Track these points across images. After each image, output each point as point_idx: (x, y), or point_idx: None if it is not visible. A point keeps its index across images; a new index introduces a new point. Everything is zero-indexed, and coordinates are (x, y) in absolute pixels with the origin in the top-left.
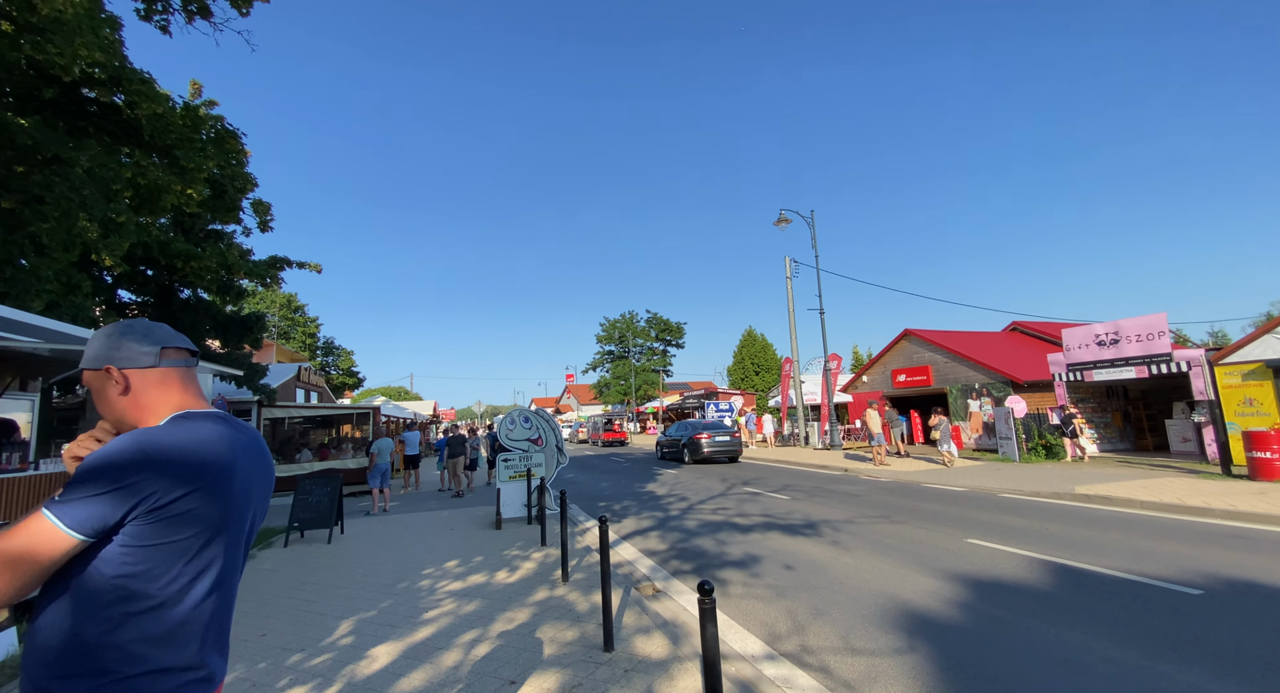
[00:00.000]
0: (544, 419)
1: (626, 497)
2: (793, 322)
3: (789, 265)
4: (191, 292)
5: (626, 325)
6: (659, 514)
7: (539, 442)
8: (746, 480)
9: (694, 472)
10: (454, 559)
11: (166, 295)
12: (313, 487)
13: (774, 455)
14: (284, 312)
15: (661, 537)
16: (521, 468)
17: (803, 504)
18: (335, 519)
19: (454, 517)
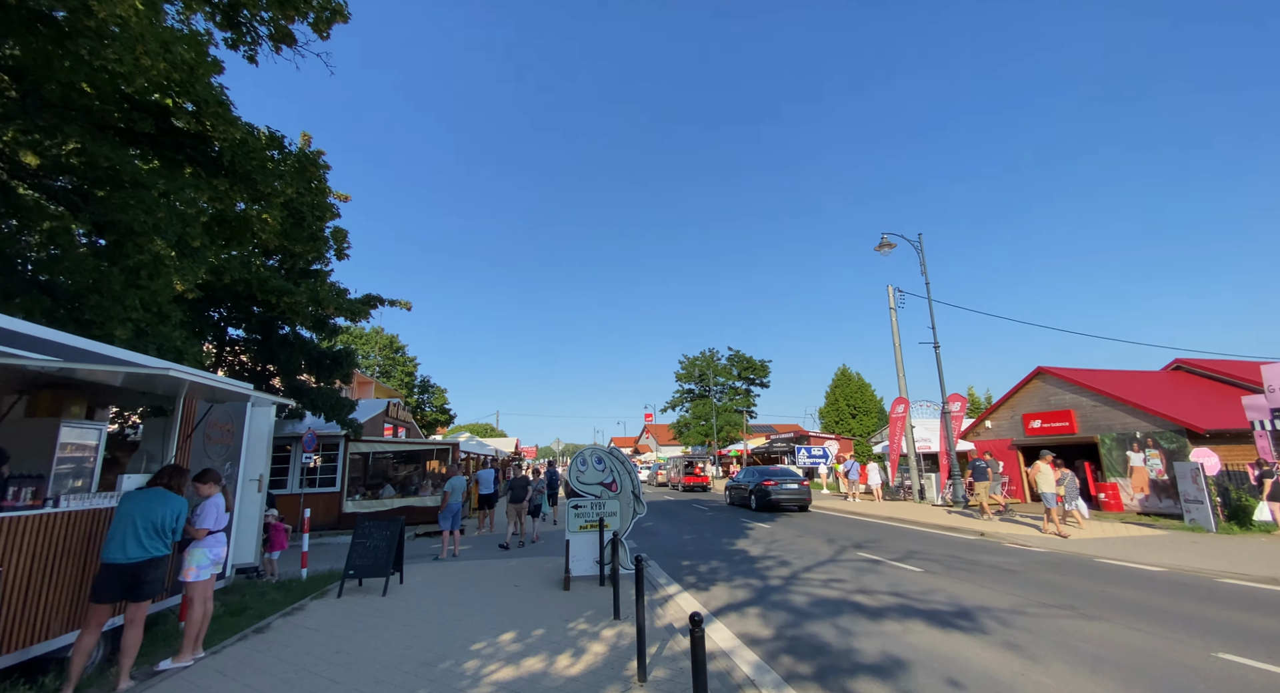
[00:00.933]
0: (619, 461)
1: (714, 555)
2: (899, 357)
3: (892, 295)
4: (290, 328)
5: (707, 363)
6: (756, 582)
7: (613, 487)
8: (859, 543)
9: (791, 527)
10: (511, 631)
11: (267, 331)
12: (371, 530)
13: (882, 511)
14: (386, 352)
15: (764, 616)
16: (593, 517)
17: (943, 581)
18: (394, 567)
19: (521, 568)
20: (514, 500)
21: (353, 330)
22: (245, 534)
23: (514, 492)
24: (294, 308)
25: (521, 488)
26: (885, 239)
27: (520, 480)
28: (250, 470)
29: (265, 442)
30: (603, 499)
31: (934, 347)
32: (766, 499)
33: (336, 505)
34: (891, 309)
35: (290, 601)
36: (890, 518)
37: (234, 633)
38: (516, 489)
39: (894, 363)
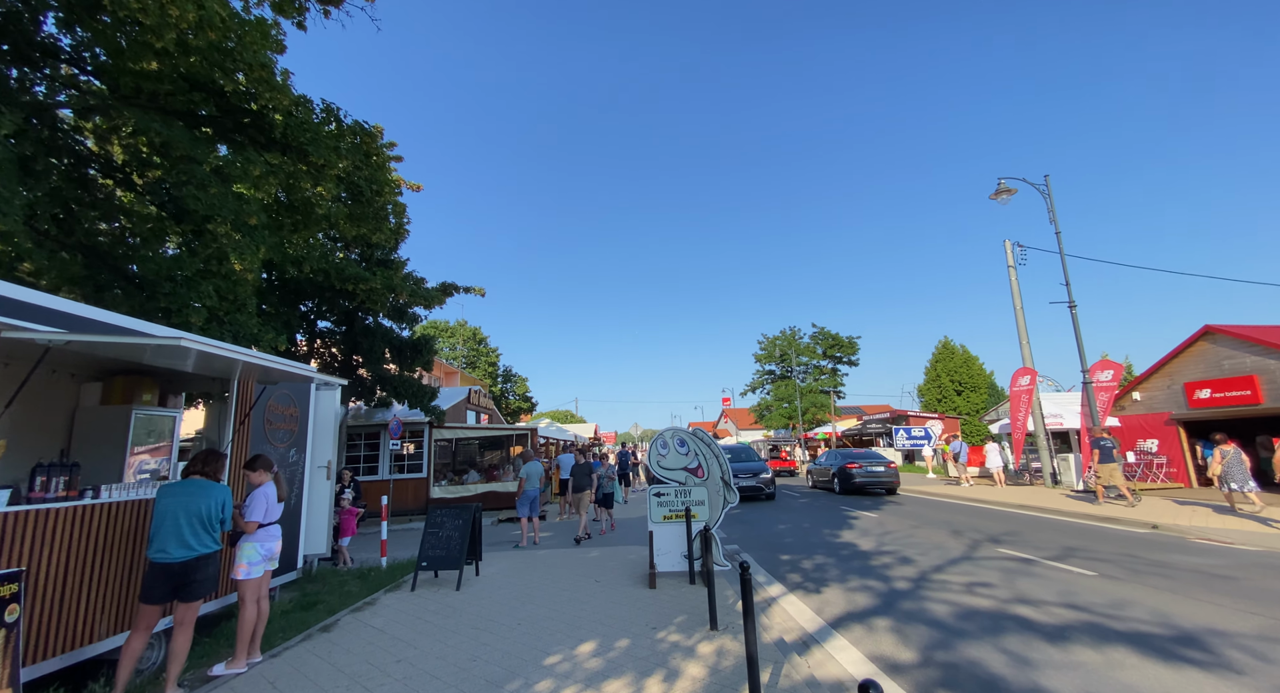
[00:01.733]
0: (704, 443)
1: (817, 548)
2: (1021, 321)
3: (1011, 251)
4: (373, 319)
5: (788, 342)
6: (877, 584)
7: (699, 472)
8: (994, 536)
9: (902, 516)
10: (591, 640)
11: (350, 322)
12: (443, 519)
13: (1008, 497)
14: (470, 343)
15: (900, 632)
16: (679, 506)
17: (1132, 590)
18: (470, 557)
19: (603, 560)
20: (576, 490)
21: (438, 324)
22: (315, 524)
23: (576, 479)
24: (371, 295)
25: (584, 476)
26: (1003, 184)
27: (582, 467)
28: (318, 457)
29: (331, 426)
30: (688, 486)
31: (1069, 307)
32: (850, 482)
33: (424, 491)
34: (1010, 267)
35: (365, 592)
36: (1022, 506)
37: (300, 630)
38: (578, 476)
39: (1013, 329)
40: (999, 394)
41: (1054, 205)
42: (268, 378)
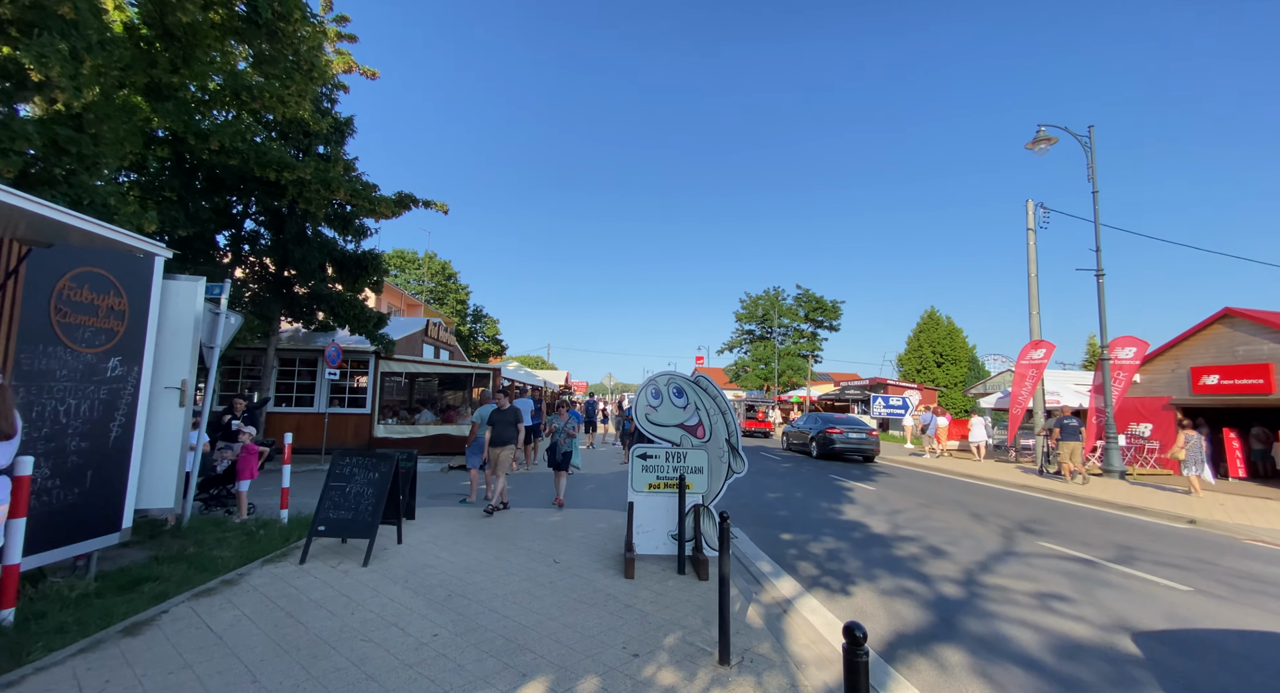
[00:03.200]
0: (709, 396)
1: (821, 527)
2: (1034, 290)
3: (1033, 213)
4: (312, 227)
5: (770, 302)
6: (916, 587)
7: (699, 431)
8: (1023, 524)
9: (901, 491)
10: (538, 681)
11: (280, 224)
12: (353, 470)
13: (1003, 476)
14: (438, 278)
15: (992, 681)
16: (669, 474)
17: (1251, 614)
18: (392, 518)
19: (565, 527)
20: (495, 443)
21: (405, 254)
22: (158, 467)
23: (494, 430)
24: (303, 191)
25: (506, 426)
26: (1042, 132)
27: (505, 414)
28: (164, 374)
29: (189, 333)
30: (683, 448)
31: (1096, 275)
32: (830, 447)
33: (367, 429)
34: (1030, 230)
35: (238, 562)
36: (1026, 487)
37: (90, 631)
38: (498, 427)
39: (1025, 297)
40: (979, 369)
41: (1094, 160)
42: (37, 234)
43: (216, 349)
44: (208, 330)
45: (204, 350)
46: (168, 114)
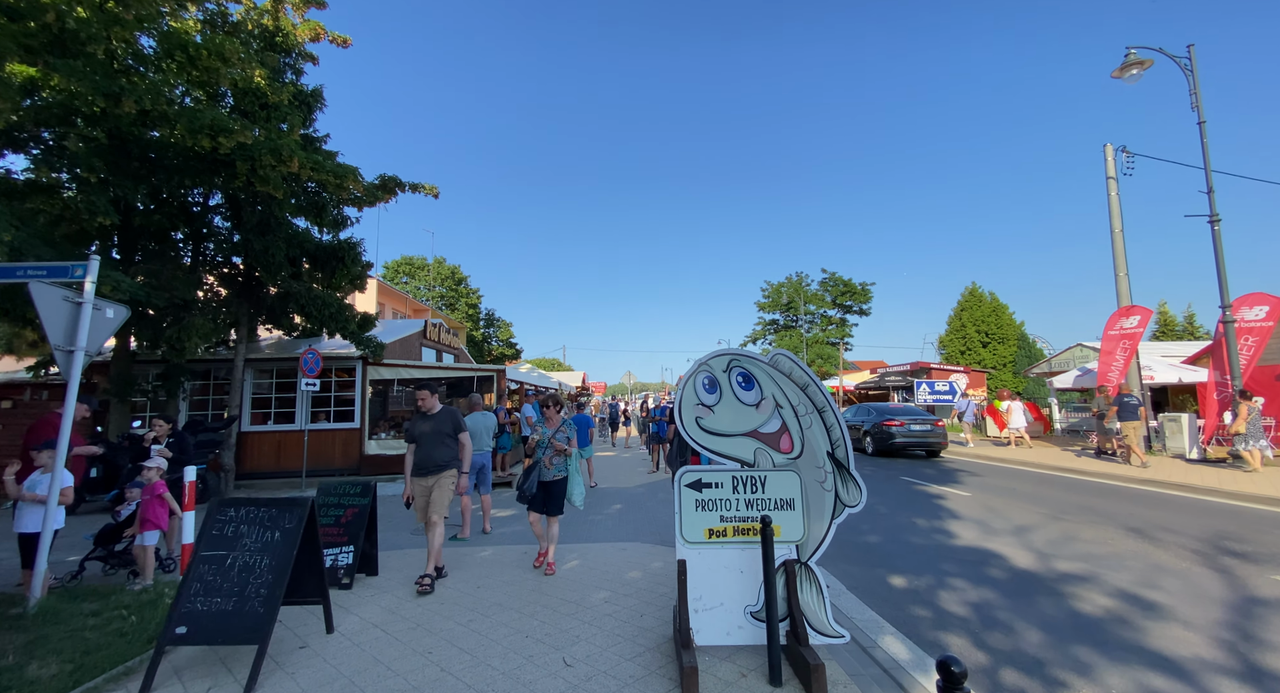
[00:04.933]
0: (795, 384)
1: (938, 561)
2: (1120, 248)
3: (1113, 159)
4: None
5: (795, 289)
6: (1168, 684)
7: (783, 443)
8: (1217, 542)
9: (1009, 497)
10: None
11: (237, 212)
12: (239, 530)
13: (1074, 464)
14: (448, 283)
15: None
16: (744, 514)
17: None
18: (310, 597)
19: (583, 582)
20: (422, 467)
21: (414, 260)
22: None
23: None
24: (253, 164)
25: (439, 440)
26: (1132, 55)
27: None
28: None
29: None
30: (760, 470)
31: (1210, 221)
32: (889, 442)
33: (357, 446)
34: (1110, 178)
35: (58, 687)
36: (1140, 481)
37: None
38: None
39: (1103, 259)
40: (1029, 347)
41: (1198, 85)
42: None
43: (79, 352)
44: (64, 328)
45: (57, 355)
46: (73, 74)
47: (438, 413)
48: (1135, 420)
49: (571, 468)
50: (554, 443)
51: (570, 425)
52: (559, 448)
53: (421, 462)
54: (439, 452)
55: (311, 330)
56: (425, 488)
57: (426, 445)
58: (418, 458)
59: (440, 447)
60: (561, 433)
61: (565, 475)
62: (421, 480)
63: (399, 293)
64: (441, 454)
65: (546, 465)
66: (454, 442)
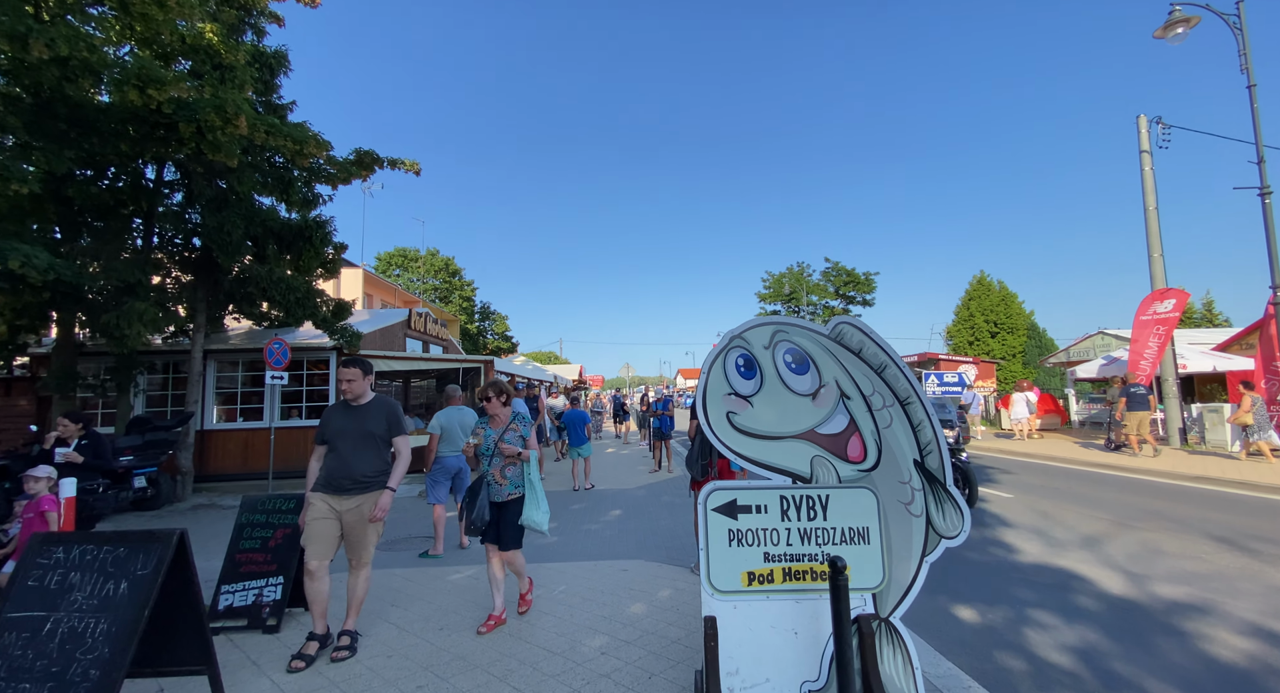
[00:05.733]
0: (868, 366)
1: (1011, 585)
2: (1154, 226)
3: (1146, 131)
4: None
5: (796, 279)
6: None
7: (849, 446)
8: None
9: (1055, 498)
10: None
11: (188, 182)
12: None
13: (1095, 458)
14: (442, 274)
15: None
16: (799, 551)
17: None
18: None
19: (574, 626)
20: (333, 483)
21: (407, 252)
22: None
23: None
24: (199, 125)
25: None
26: (1177, 12)
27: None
28: None
29: None
30: (819, 486)
31: (1261, 194)
32: None
33: None
34: (1144, 152)
35: None
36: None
37: None
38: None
39: (1145, 234)
40: (1040, 337)
41: (1247, 44)
42: None
43: None
44: None
45: None
46: None
47: (368, 403)
48: (1144, 411)
49: (529, 479)
50: (502, 448)
51: (524, 421)
52: (510, 454)
53: (336, 474)
54: (363, 461)
55: (284, 320)
56: (336, 514)
57: (345, 450)
58: (330, 467)
59: (366, 454)
60: (513, 433)
61: (521, 493)
62: (334, 500)
63: (388, 284)
64: (367, 464)
65: (497, 481)
66: (386, 447)
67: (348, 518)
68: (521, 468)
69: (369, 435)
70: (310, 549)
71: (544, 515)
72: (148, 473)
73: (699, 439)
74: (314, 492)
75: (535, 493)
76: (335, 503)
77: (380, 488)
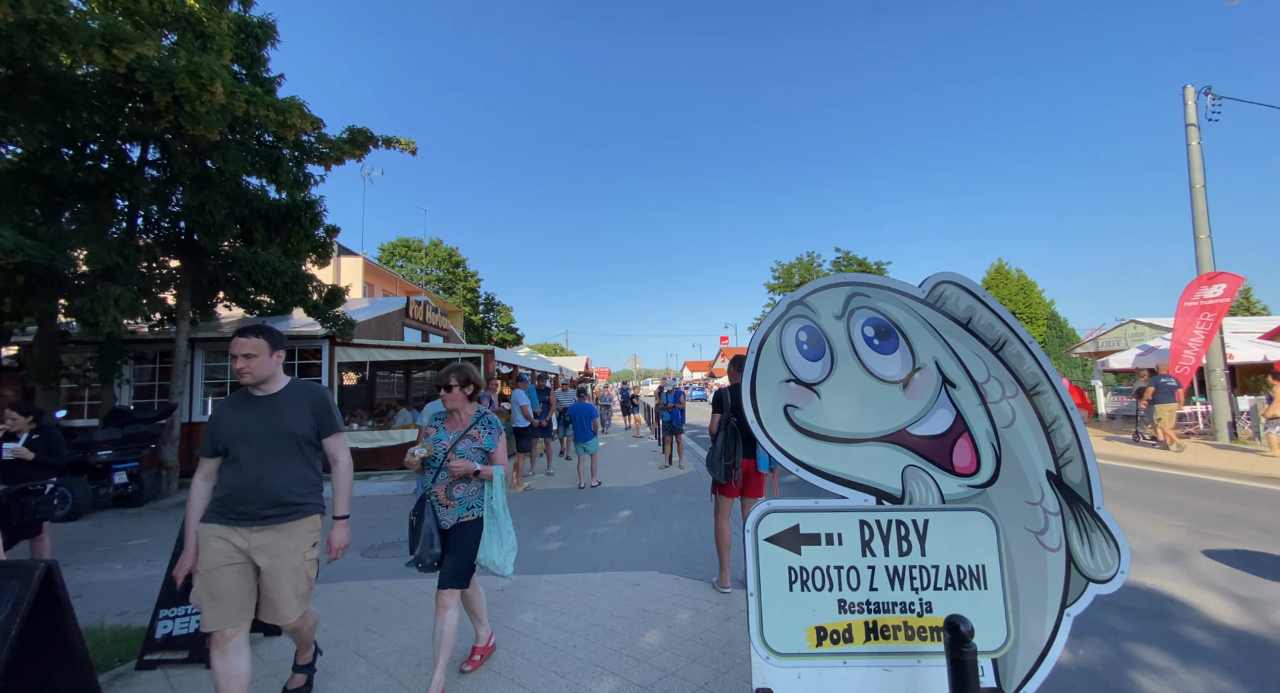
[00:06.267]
0: (982, 343)
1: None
2: (1202, 205)
3: (1193, 103)
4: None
5: (805, 269)
6: None
7: (954, 450)
8: None
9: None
10: None
11: (167, 158)
12: None
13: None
14: (445, 265)
15: None
16: (887, 603)
17: None
18: None
19: (575, 675)
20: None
21: (411, 242)
22: None
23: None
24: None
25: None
26: None
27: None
28: None
29: None
30: (916, 507)
31: None
32: None
33: None
34: (1191, 126)
35: None
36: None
37: None
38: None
39: (1192, 214)
40: (1061, 327)
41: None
42: None
43: None
44: None
45: None
46: None
47: (282, 392)
48: (1171, 403)
49: (490, 506)
50: (450, 466)
51: (490, 427)
52: (460, 471)
53: (240, 496)
54: (281, 474)
55: (278, 307)
56: (245, 554)
57: (252, 460)
58: (230, 487)
59: (284, 464)
60: (470, 443)
61: (479, 515)
62: (238, 535)
63: (390, 274)
64: (287, 480)
65: (441, 501)
66: (315, 454)
67: (262, 561)
68: (481, 488)
69: (287, 437)
70: (212, 612)
71: (507, 555)
72: (128, 468)
73: (722, 436)
74: (206, 524)
75: (497, 523)
76: (241, 538)
77: (308, 514)
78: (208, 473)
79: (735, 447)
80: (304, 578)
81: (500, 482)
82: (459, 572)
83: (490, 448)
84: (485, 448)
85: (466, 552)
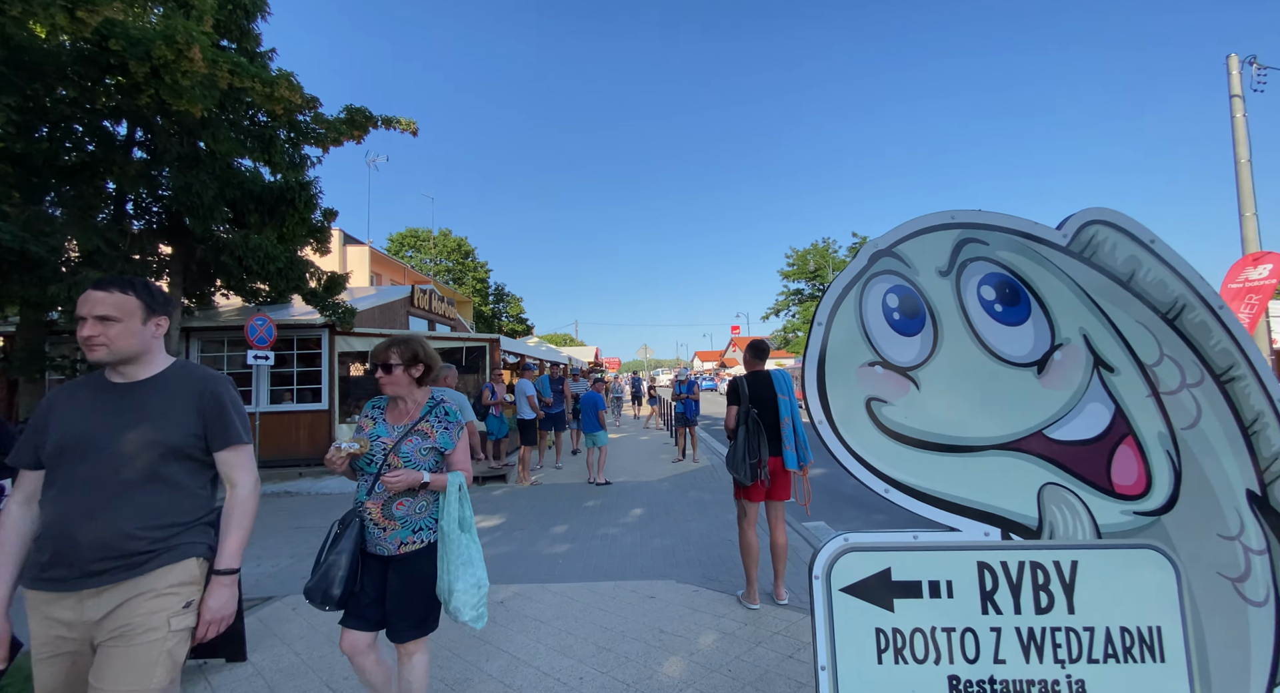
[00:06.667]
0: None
1: None
2: (1247, 180)
3: (1238, 73)
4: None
5: (821, 255)
6: None
7: (1117, 469)
8: None
9: None
10: None
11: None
12: None
13: None
14: (455, 255)
15: None
16: (1016, 681)
17: None
18: None
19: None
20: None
21: (419, 233)
22: None
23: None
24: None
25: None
26: None
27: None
28: None
29: None
30: (1051, 547)
31: None
32: None
33: (325, 430)
34: (1235, 97)
35: None
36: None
37: None
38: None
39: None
40: None
41: None
42: None
43: None
44: None
45: None
46: None
47: (156, 378)
48: None
49: (443, 527)
50: (385, 479)
51: (447, 420)
52: (400, 484)
53: (65, 543)
54: (125, 505)
55: (272, 294)
56: (82, 632)
57: (86, 483)
58: (53, 528)
59: (131, 489)
60: (419, 442)
61: (430, 540)
62: (67, 607)
63: (397, 263)
64: (127, 514)
65: (377, 521)
66: (198, 475)
67: (103, 638)
68: (433, 503)
69: (150, 448)
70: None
71: (467, 595)
72: None
73: (743, 432)
74: (30, 590)
75: (457, 549)
76: (71, 611)
77: (173, 560)
78: (29, 494)
79: (759, 443)
80: (160, 662)
81: (457, 495)
82: (417, 617)
83: (446, 448)
84: (439, 448)
85: (419, 591)
